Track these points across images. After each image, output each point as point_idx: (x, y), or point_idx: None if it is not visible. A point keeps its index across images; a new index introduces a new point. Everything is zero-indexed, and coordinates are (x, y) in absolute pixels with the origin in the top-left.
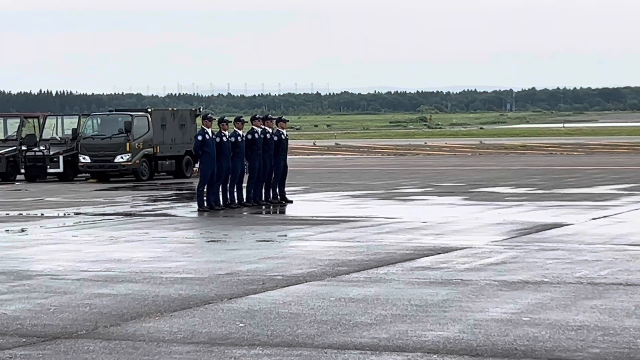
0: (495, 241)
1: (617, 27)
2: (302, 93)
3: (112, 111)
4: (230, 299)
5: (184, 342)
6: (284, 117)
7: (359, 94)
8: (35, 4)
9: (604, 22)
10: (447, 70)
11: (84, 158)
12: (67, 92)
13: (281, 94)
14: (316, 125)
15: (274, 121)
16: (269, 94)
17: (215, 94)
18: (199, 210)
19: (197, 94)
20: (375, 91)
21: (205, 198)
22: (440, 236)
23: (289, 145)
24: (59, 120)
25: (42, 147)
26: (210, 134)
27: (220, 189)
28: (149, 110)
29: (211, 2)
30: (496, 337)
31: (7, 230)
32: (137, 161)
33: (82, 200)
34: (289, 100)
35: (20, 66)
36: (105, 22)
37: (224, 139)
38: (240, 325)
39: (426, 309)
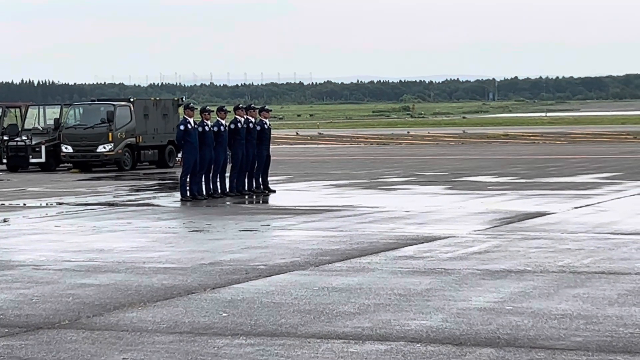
0: (478, 230)
1: (599, 17)
2: (284, 83)
3: (94, 101)
4: (214, 288)
5: (167, 332)
6: (266, 107)
7: (342, 83)
8: None
9: (587, 11)
10: (430, 60)
11: (66, 148)
12: (49, 82)
13: (264, 83)
14: (299, 115)
15: (257, 111)
16: (252, 83)
17: (198, 84)
18: (181, 200)
19: (180, 83)
20: (358, 80)
21: (188, 188)
22: (423, 225)
23: (271, 135)
24: (41, 110)
25: (24, 137)
26: (193, 124)
27: (203, 179)
28: (132, 99)
29: None
30: (479, 326)
31: None
32: (120, 151)
33: (64, 190)
34: (272, 89)
35: (2, 56)
36: (88, 12)
37: (207, 128)
38: (224, 315)
39: (409, 298)
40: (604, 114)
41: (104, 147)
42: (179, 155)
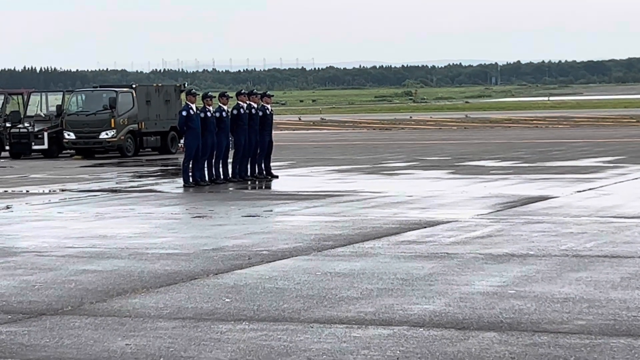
0: (481, 214)
1: (602, 1)
2: (287, 68)
3: (96, 87)
4: (216, 274)
5: (170, 318)
6: (268, 92)
7: (344, 68)
8: None
9: None
10: (433, 44)
11: (68, 135)
12: (51, 69)
13: (266, 69)
14: (301, 101)
15: (259, 96)
16: (254, 69)
17: (200, 70)
18: (184, 186)
19: (182, 69)
20: (360, 66)
21: (190, 174)
22: (425, 210)
23: (274, 121)
24: (43, 97)
25: (26, 124)
26: (195, 110)
27: (206, 165)
28: (134, 86)
29: None
30: (482, 310)
31: None
32: (122, 137)
33: (67, 176)
34: (274, 75)
35: (4, 43)
36: None
37: (209, 114)
38: (227, 300)
39: (412, 282)
40: (606, 97)
41: (107, 134)
42: (182, 141)
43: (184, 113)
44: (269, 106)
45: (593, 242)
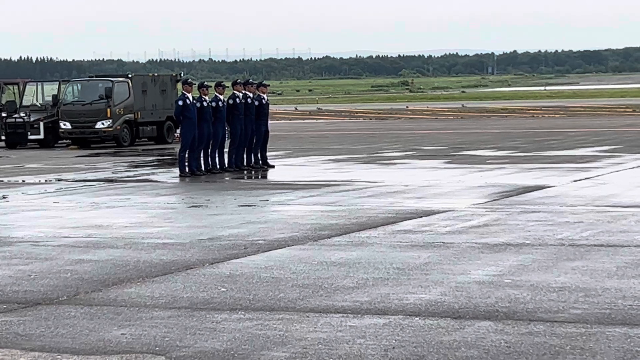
0: (477, 204)
1: None
2: (283, 58)
3: (92, 77)
4: (212, 263)
5: (166, 307)
6: (265, 82)
7: (341, 58)
8: None
9: None
10: (429, 34)
11: (64, 124)
12: (48, 59)
13: (262, 59)
14: (298, 90)
15: (255, 86)
16: (251, 59)
17: (197, 60)
18: (180, 175)
19: (178, 59)
20: (356, 55)
21: (186, 163)
22: (422, 199)
23: (270, 110)
24: (39, 87)
25: (22, 114)
26: (191, 99)
27: (202, 155)
28: (130, 76)
29: None
30: (478, 299)
31: None
32: (118, 127)
33: (63, 166)
34: (271, 65)
35: (0, 33)
36: None
37: (205, 104)
38: (222, 290)
39: (408, 272)
40: (603, 87)
41: (103, 124)
42: (178, 131)
43: (180, 103)
44: (265, 96)
45: (589, 231)
